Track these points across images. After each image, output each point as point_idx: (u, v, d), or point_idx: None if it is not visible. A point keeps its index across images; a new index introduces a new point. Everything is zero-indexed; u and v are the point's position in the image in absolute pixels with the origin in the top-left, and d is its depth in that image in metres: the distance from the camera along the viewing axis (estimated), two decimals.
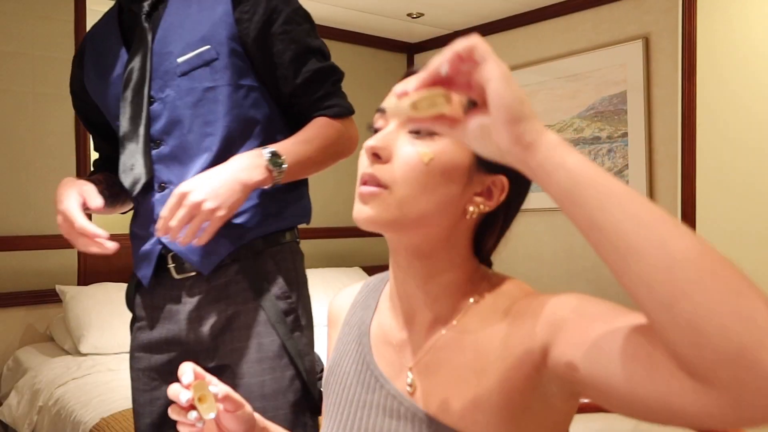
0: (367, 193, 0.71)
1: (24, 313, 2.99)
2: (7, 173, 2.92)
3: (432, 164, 0.70)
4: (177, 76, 1.21)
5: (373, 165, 0.72)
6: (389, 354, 0.80)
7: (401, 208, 0.70)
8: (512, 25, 3.73)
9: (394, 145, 0.72)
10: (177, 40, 1.22)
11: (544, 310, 0.67)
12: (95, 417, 2.14)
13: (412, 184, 0.70)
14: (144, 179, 1.24)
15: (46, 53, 3.02)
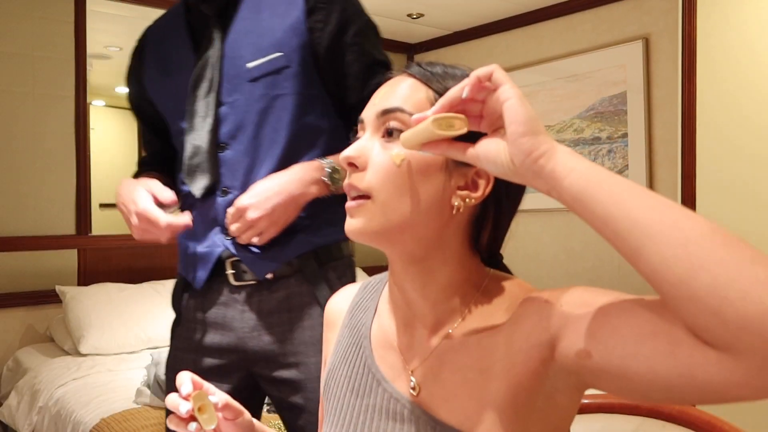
0: (353, 207, 0.72)
1: (24, 313, 2.99)
2: (7, 174, 2.92)
3: (405, 165, 0.71)
4: (246, 81, 1.21)
5: (351, 175, 0.73)
6: (391, 357, 0.79)
7: (385, 214, 0.71)
8: (512, 25, 3.73)
9: (370, 152, 0.73)
10: (248, 45, 1.21)
11: (549, 304, 0.67)
12: (95, 417, 2.14)
13: (389, 188, 0.71)
14: (209, 182, 1.23)
15: (46, 54, 3.02)
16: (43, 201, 3.02)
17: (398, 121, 0.72)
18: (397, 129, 0.71)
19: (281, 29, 1.20)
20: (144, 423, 2.02)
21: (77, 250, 3.11)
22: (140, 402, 2.21)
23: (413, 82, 0.74)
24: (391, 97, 0.74)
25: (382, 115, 0.73)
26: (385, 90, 0.75)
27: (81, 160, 3.11)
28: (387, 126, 0.72)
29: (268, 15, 1.22)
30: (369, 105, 0.76)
